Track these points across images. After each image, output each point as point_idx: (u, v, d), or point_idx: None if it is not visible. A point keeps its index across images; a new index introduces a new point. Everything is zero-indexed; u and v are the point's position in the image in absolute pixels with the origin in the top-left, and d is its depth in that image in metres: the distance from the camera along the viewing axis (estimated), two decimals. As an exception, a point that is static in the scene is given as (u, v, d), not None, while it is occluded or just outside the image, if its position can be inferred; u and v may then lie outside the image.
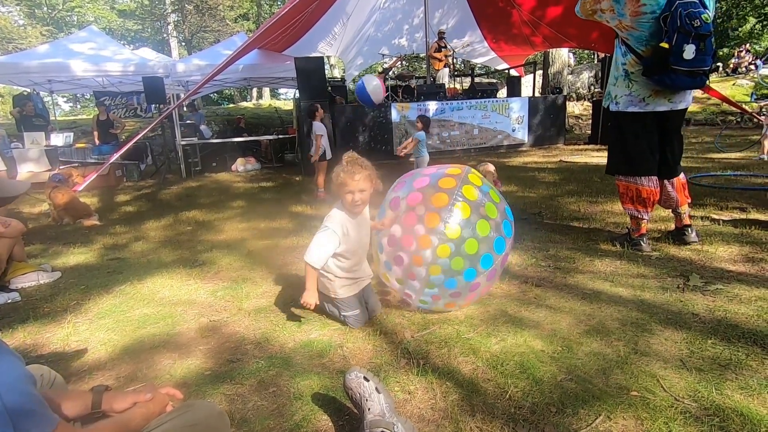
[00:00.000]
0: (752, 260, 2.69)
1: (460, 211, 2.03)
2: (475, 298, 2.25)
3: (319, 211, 4.87)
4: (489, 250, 2.08)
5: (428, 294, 2.12)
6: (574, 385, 1.63)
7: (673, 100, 2.75)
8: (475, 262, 2.06)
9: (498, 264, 2.16)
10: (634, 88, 2.78)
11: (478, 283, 2.12)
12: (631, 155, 2.89)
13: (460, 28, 11.64)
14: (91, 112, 19.18)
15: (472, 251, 2.03)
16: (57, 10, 25.73)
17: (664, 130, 2.84)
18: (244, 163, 8.97)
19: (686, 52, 2.46)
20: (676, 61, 2.49)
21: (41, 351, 2.12)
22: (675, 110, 2.78)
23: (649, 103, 2.77)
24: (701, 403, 1.50)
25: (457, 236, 2.01)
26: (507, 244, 2.17)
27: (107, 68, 8.44)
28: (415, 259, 2.06)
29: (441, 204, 2.04)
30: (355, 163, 2.04)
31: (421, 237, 2.04)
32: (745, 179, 5.03)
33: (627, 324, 2.05)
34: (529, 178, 6.06)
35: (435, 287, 2.08)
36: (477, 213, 2.06)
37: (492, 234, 2.09)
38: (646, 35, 2.62)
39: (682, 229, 3.00)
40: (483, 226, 2.07)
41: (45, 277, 3.06)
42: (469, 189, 2.10)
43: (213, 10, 22.94)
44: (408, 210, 2.13)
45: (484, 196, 2.14)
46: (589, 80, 16.22)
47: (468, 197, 2.07)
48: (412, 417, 1.52)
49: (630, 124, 2.86)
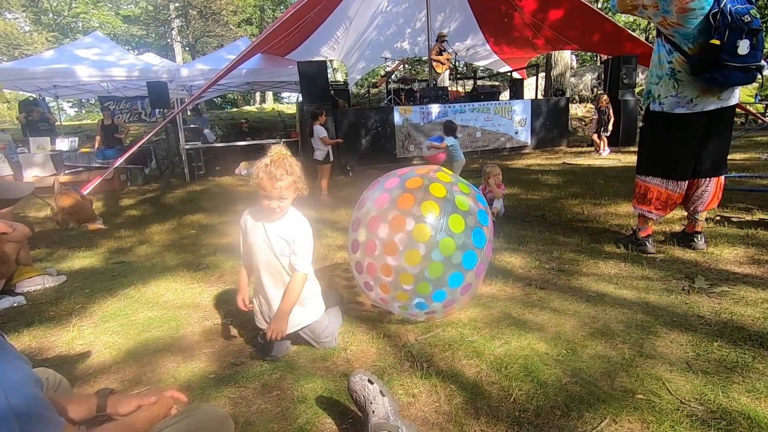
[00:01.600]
0: (758, 262, 2.67)
1: (429, 211, 1.89)
2: (469, 299, 2.19)
3: (322, 214, 4.87)
4: (470, 247, 1.93)
5: (418, 307, 2.01)
6: (579, 388, 1.62)
7: (722, 97, 2.65)
8: (458, 265, 1.91)
9: (483, 258, 2.03)
10: (681, 89, 2.68)
11: (469, 284, 2.00)
12: (670, 159, 2.79)
13: (462, 31, 11.66)
14: (95, 117, 19.30)
15: (448, 253, 1.88)
16: (62, 16, 25.97)
17: (711, 128, 2.72)
18: (248, 167, 8.99)
19: (741, 47, 2.40)
20: (731, 58, 2.43)
21: (46, 354, 2.13)
22: (724, 107, 2.68)
23: (698, 104, 2.67)
24: (708, 407, 1.49)
25: (427, 239, 1.86)
26: (487, 234, 2.03)
27: (112, 73, 8.52)
28: (383, 268, 1.94)
29: (407, 205, 1.91)
30: (281, 165, 1.78)
31: (389, 244, 1.91)
32: (750, 180, 5.00)
33: (632, 326, 2.04)
34: (532, 181, 6.05)
35: (424, 302, 1.96)
36: (447, 209, 1.91)
37: (468, 227, 1.93)
38: (693, 32, 2.53)
39: (692, 235, 2.96)
40: (456, 221, 1.91)
41: (50, 281, 3.08)
42: (436, 186, 1.97)
43: (216, 15, 23.10)
44: (376, 213, 2.01)
45: (452, 190, 1.99)
46: (592, 82, 16.18)
47: (435, 194, 1.93)
48: (417, 420, 1.52)
49: (674, 126, 2.75)
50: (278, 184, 1.76)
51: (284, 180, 1.77)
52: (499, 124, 9.22)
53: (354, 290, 2.70)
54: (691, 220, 2.99)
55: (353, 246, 2.14)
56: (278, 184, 1.76)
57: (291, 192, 1.83)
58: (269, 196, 1.79)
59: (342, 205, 5.30)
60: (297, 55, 9.67)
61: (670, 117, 2.75)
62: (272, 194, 1.77)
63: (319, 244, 3.75)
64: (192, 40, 24.41)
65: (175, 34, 23.32)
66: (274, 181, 1.76)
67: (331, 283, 2.87)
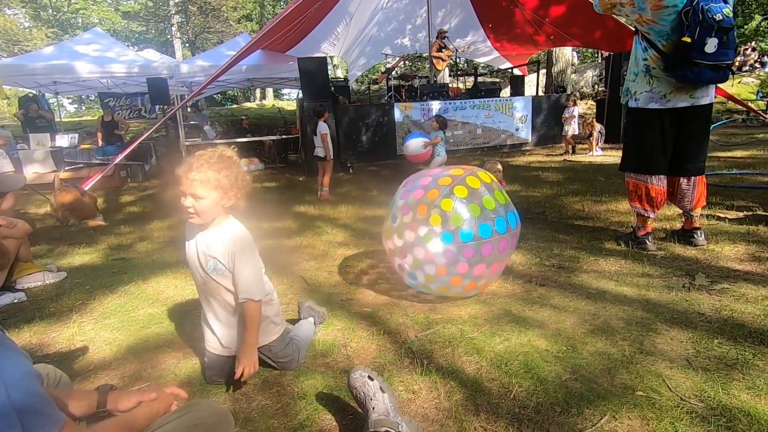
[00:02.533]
0: (759, 259, 2.67)
1: (458, 194, 2.13)
2: (484, 273, 2.20)
3: (323, 211, 4.87)
4: (498, 217, 2.15)
5: (439, 250, 2.09)
6: (579, 384, 1.62)
7: (695, 95, 2.70)
8: (490, 219, 2.12)
9: (510, 238, 2.21)
10: (655, 84, 2.75)
11: (490, 245, 2.11)
12: (645, 153, 2.87)
13: (463, 28, 11.61)
14: (95, 114, 19.28)
15: (476, 213, 2.11)
16: (62, 12, 25.91)
17: (687, 126, 2.78)
18: (248, 164, 8.99)
19: (708, 45, 2.44)
20: (699, 55, 2.46)
21: (47, 350, 2.13)
22: (698, 106, 2.73)
23: (670, 100, 2.73)
24: (708, 403, 1.49)
25: (465, 195, 2.13)
26: (511, 231, 2.21)
27: (112, 69, 8.50)
28: (420, 209, 2.15)
29: (434, 196, 2.15)
30: (209, 158, 1.53)
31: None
32: (751, 178, 4.99)
33: (632, 323, 2.04)
34: (532, 178, 6.04)
35: (450, 238, 2.08)
36: (475, 198, 2.15)
37: (495, 210, 2.16)
38: (667, 30, 2.58)
39: (691, 231, 2.97)
40: (487, 201, 2.16)
41: (50, 278, 3.08)
42: (462, 189, 2.17)
43: (216, 11, 23.04)
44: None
45: (485, 190, 2.21)
46: (593, 79, 16.14)
47: (460, 195, 2.14)
48: (417, 416, 1.52)
49: (648, 121, 2.82)
50: (192, 174, 1.49)
51: (202, 173, 1.49)
52: (499, 121, 9.19)
53: (355, 287, 2.70)
54: (687, 217, 3.01)
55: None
56: (192, 174, 1.49)
57: (210, 192, 1.53)
58: (183, 192, 1.53)
59: (342, 202, 5.30)
60: (297, 52, 9.64)
61: (645, 112, 2.82)
62: (184, 188, 1.52)
63: (319, 240, 3.76)
64: (192, 36, 24.35)
65: (175, 30, 23.26)
66: (188, 171, 1.50)
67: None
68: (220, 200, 1.57)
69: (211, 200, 1.55)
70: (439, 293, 2.34)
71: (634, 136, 2.95)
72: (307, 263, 3.19)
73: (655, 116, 2.79)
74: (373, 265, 3.07)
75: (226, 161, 1.56)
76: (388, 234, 2.34)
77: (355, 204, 5.11)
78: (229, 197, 1.59)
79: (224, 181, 1.54)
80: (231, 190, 1.58)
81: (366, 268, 3.02)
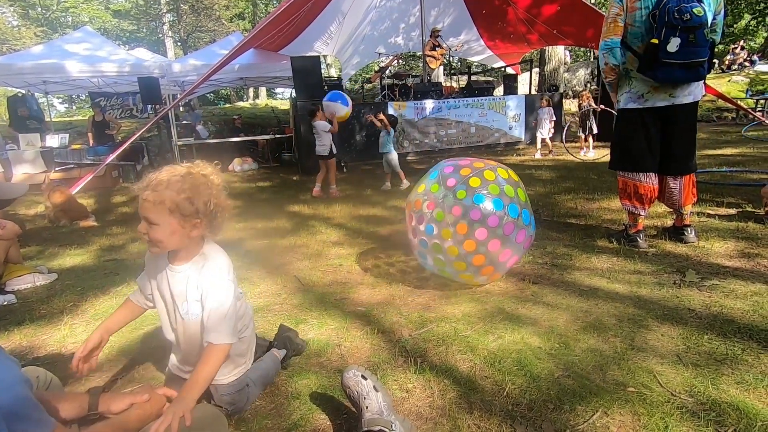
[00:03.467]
0: (748, 255, 2.70)
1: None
2: (496, 251, 2.22)
3: (316, 210, 4.86)
4: (525, 210, 2.28)
5: (468, 204, 2.17)
6: (572, 381, 1.64)
7: (674, 94, 2.74)
8: (520, 205, 2.25)
9: (527, 235, 2.32)
10: (633, 85, 2.82)
11: (512, 225, 2.20)
12: (631, 152, 2.92)
13: (456, 27, 11.63)
14: (86, 113, 19.09)
15: (510, 194, 2.24)
16: (51, 10, 25.61)
17: (671, 125, 2.82)
18: (241, 163, 8.95)
19: (670, 45, 2.51)
20: (664, 55, 2.54)
21: (37, 353, 2.11)
22: (679, 104, 2.76)
23: (648, 99, 2.78)
24: (698, 398, 1.51)
25: (505, 176, 2.32)
26: (529, 231, 2.33)
27: (102, 69, 8.41)
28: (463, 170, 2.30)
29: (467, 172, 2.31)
30: (170, 176, 1.29)
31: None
32: (740, 175, 5.05)
33: (624, 320, 2.05)
34: (526, 176, 6.07)
35: (482, 199, 2.18)
36: (511, 183, 2.31)
37: (525, 203, 2.31)
38: (642, 31, 2.66)
39: (682, 228, 3.00)
40: (520, 192, 2.32)
41: (41, 279, 3.05)
42: (504, 171, 2.36)
43: (208, 9, 22.90)
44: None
45: (518, 184, 2.37)
46: (585, 78, 16.24)
47: (501, 174, 2.32)
48: (410, 415, 1.52)
49: (630, 120, 2.88)
50: (146, 194, 1.26)
51: (157, 193, 1.25)
52: (493, 119, 9.23)
53: (349, 286, 2.70)
54: (677, 214, 3.05)
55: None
56: (146, 194, 1.26)
57: (165, 218, 1.27)
58: (141, 215, 1.30)
59: (336, 201, 5.29)
60: (290, 51, 9.61)
61: (627, 112, 2.89)
62: (140, 211, 1.30)
63: (313, 240, 3.75)
64: (184, 35, 24.17)
65: (167, 29, 23.07)
66: (144, 188, 1.28)
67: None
68: (181, 229, 1.30)
69: (166, 228, 1.28)
70: (444, 261, 2.29)
71: (620, 136, 3.01)
72: (301, 263, 3.19)
73: (636, 116, 2.85)
74: (367, 265, 3.07)
75: (195, 181, 1.30)
76: (420, 187, 2.44)
77: (349, 203, 5.11)
78: (194, 226, 1.32)
79: (185, 206, 1.27)
80: (195, 217, 1.30)
81: (360, 268, 3.03)
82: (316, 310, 2.38)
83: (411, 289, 2.57)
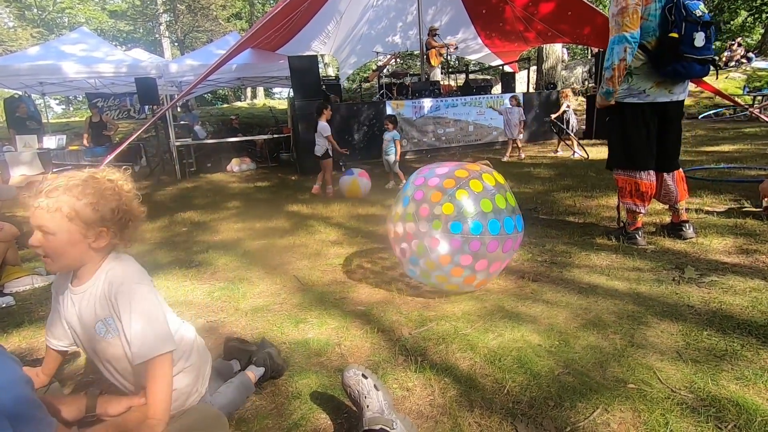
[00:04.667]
0: (746, 252, 2.71)
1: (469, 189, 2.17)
2: (485, 269, 2.20)
3: (315, 210, 4.86)
4: (507, 217, 2.18)
5: (446, 238, 2.11)
6: (572, 378, 1.64)
7: (673, 91, 2.75)
8: (500, 217, 2.15)
9: (514, 239, 2.24)
10: (633, 81, 2.78)
11: (496, 242, 2.13)
12: (631, 149, 2.89)
13: (453, 25, 11.62)
14: (83, 114, 19.04)
15: (488, 209, 2.15)
16: (47, 11, 25.51)
17: (664, 122, 2.83)
18: (239, 163, 8.93)
19: (697, 39, 2.49)
20: (688, 50, 2.51)
21: (37, 355, 2.10)
22: (674, 101, 2.78)
23: (650, 95, 2.76)
24: (697, 394, 1.51)
25: (479, 189, 2.18)
26: (516, 234, 2.24)
27: (99, 69, 8.39)
28: (434, 196, 2.18)
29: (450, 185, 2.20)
30: (65, 178, 1.15)
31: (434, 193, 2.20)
32: (738, 171, 5.06)
33: (623, 317, 2.06)
34: (524, 174, 6.08)
35: (459, 228, 2.10)
36: (488, 194, 2.21)
37: (506, 210, 2.20)
38: (653, 25, 2.61)
39: (680, 225, 3.01)
40: (499, 200, 2.20)
41: (39, 281, 3.04)
42: (477, 184, 2.22)
43: (205, 9, 22.83)
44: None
45: (498, 189, 2.26)
46: (583, 75, 16.26)
47: (475, 189, 2.19)
48: (411, 413, 1.52)
49: (630, 115, 2.85)
50: (38, 201, 1.11)
51: (52, 198, 1.11)
52: (491, 117, 9.23)
53: (348, 285, 2.70)
54: (673, 211, 3.06)
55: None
56: (38, 201, 1.11)
57: (64, 225, 1.12)
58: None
59: (335, 201, 5.29)
60: (288, 50, 9.59)
61: (626, 106, 2.85)
62: (31, 217, 1.13)
63: (312, 239, 3.75)
64: (181, 35, 24.11)
65: (164, 29, 23.02)
66: (34, 197, 1.12)
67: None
68: (83, 239, 1.15)
69: (64, 238, 1.13)
70: (436, 284, 2.33)
71: (617, 134, 2.96)
72: (300, 262, 3.18)
73: (638, 111, 2.82)
74: (366, 264, 3.07)
75: (100, 186, 1.17)
76: (395, 216, 2.36)
77: (347, 202, 5.10)
78: (99, 235, 1.17)
79: (87, 212, 1.13)
80: (100, 224, 1.16)
81: (359, 267, 3.02)
82: (316, 310, 2.38)
83: (410, 288, 2.57)
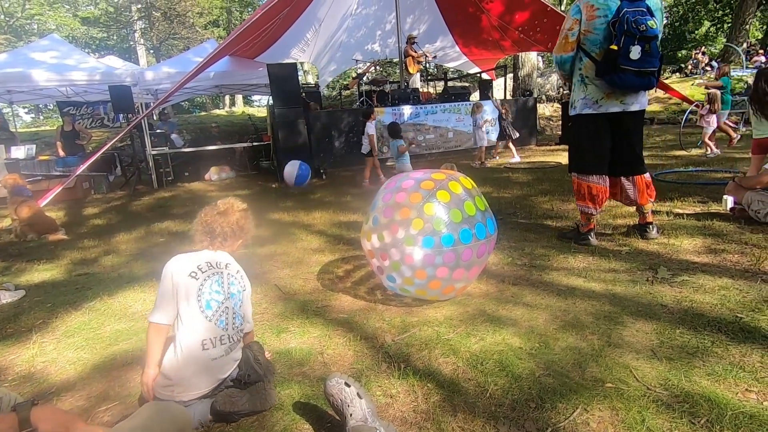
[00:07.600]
0: (714, 251, 2.82)
1: (440, 200, 2.14)
2: (463, 277, 2.23)
3: (296, 217, 4.82)
4: (478, 223, 2.18)
5: (419, 254, 2.09)
6: (552, 379, 1.67)
7: (625, 101, 2.93)
8: (471, 224, 2.14)
9: (488, 243, 2.25)
10: (588, 91, 2.97)
11: (470, 250, 2.13)
12: (585, 155, 3.09)
13: (431, 33, 11.79)
14: (54, 123, 18.46)
15: (457, 219, 2.13)
16: (15, 18, 24.71)
17: (621, 131, 3.01)
18: (218, 172, 8.80)
19: (632, 52, 2.68)
20: (624, 61, 2.70)
21: (5, 374, 2.01)
22: (629, 112, 2.95)
23: (602, 105, 2.95)
24: (672, 391, 1.55)
25: (447, 200, 2.15)
26: (489, 237, 2.24)
27: (71, 77, 8.14)
28: (402, 212, 2.16)
29: (416, 200, 2.16)
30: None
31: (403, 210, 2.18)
32: (706, 174, 5.27)
33: (600, 318, 2.11)
34: (503, 179, 6.18)
35: (431, 242, 2.09)
36: (457, 203, 2.18)
37: (476, 216, 2.18)
38: (600, 38, 2.81)
39: (645, 226, 3.18)
40: (468, 207, 2.19)
41: (8, 297, 2.92)
42: (445, 194, 2.17)
43: (182, 17, 22.53)
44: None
45: (467, 196, 2.24)
46: (558, 83, 16.68)
47: (442, 200, 2.14)
48: (395, 421, 1.52)
49: (585, 125, 3.04)
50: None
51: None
52: (470, 124, 9.34)
53: (330, 293, 2.68)
54: (640, 213, 3.20)
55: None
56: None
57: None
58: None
59: (316, 208, 5.26)
60: (266, 58, 9.54)
61: (582, 117, 3.05)
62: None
63: (293, 247, 3.71)
64: (156, 42, 23.70)
65: (138, 36, 22.60)
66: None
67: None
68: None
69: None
70: (416, 296, 2.35)
71: (575, 141, 3.22)
72: (281, 271, 3.15)
73: (590, 121, 3.01)
74: (348, 271, 3.06)
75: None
76: (367, 235, 2.34)
77: (329, 209, 5.08)
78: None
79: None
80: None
81: (342, 274, 3.01)
82: (298, 319, 2.36)
83: (393, 294, 2.57)
